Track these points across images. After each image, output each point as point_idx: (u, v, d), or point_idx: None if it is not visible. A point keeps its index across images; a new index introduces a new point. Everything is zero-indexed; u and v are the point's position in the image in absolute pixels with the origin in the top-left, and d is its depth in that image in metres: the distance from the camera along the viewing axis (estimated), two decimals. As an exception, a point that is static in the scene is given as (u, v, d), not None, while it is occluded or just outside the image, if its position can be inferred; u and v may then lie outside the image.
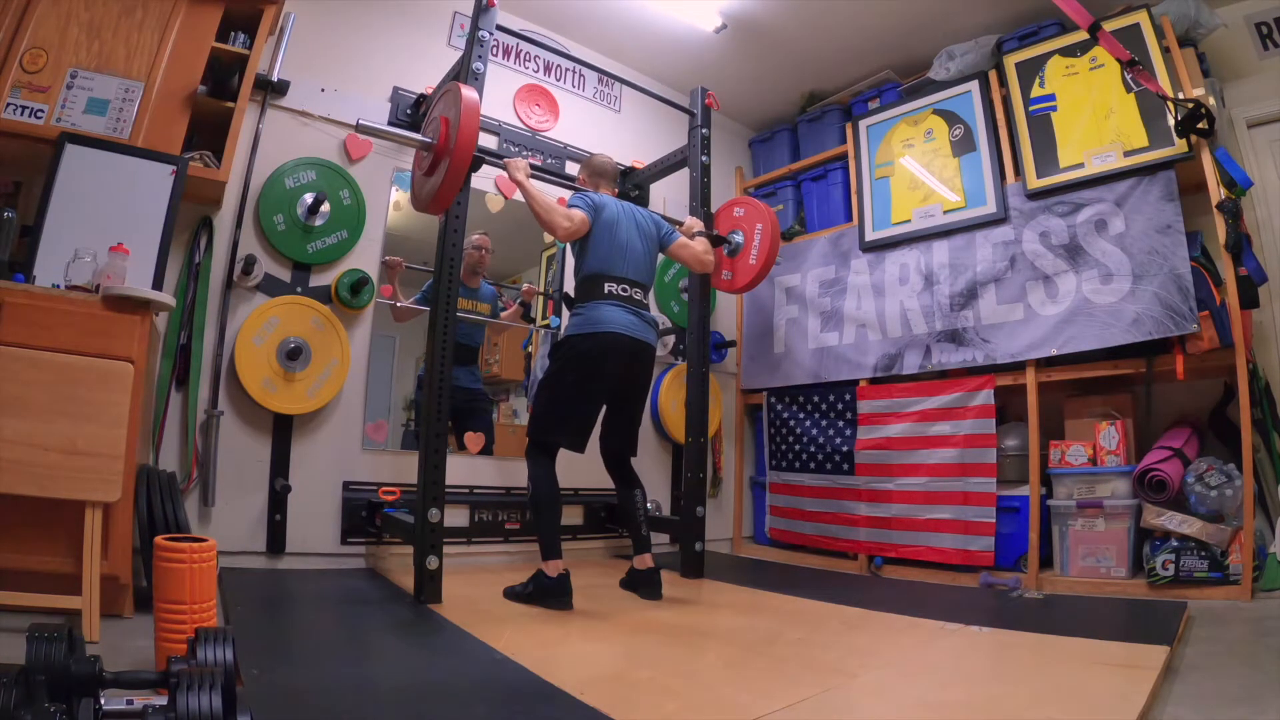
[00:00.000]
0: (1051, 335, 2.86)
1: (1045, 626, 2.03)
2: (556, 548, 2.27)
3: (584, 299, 2.39)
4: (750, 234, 2.99)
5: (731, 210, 3.13)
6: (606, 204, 2.45)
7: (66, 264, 1.92)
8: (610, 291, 2.37)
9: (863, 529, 3.30)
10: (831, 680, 1.57)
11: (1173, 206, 2.63)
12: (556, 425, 2.37)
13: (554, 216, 2.31)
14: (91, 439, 1.69)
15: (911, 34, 3.54)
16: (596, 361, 2.32)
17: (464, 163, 2.09)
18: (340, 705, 1.30)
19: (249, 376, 2.55)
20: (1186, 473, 2.48)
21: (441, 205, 2.21)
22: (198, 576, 1.48)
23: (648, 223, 2.54)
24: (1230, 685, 1.52)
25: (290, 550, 2.61)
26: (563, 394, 2.35)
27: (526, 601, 2.23)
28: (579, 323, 2.36)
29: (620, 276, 2.39)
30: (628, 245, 2.43)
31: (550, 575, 2.22)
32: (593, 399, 2.40)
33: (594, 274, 2.38)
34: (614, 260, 2.39)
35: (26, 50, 2.10)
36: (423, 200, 2.30)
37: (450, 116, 2.15)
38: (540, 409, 2.42)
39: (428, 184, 2.24)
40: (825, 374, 3.62)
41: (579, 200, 2.43)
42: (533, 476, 2.34)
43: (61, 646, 1.03)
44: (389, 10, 3.08)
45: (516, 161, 2.42)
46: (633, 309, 2.39)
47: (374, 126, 2.22)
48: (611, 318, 2.34)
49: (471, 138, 2.07)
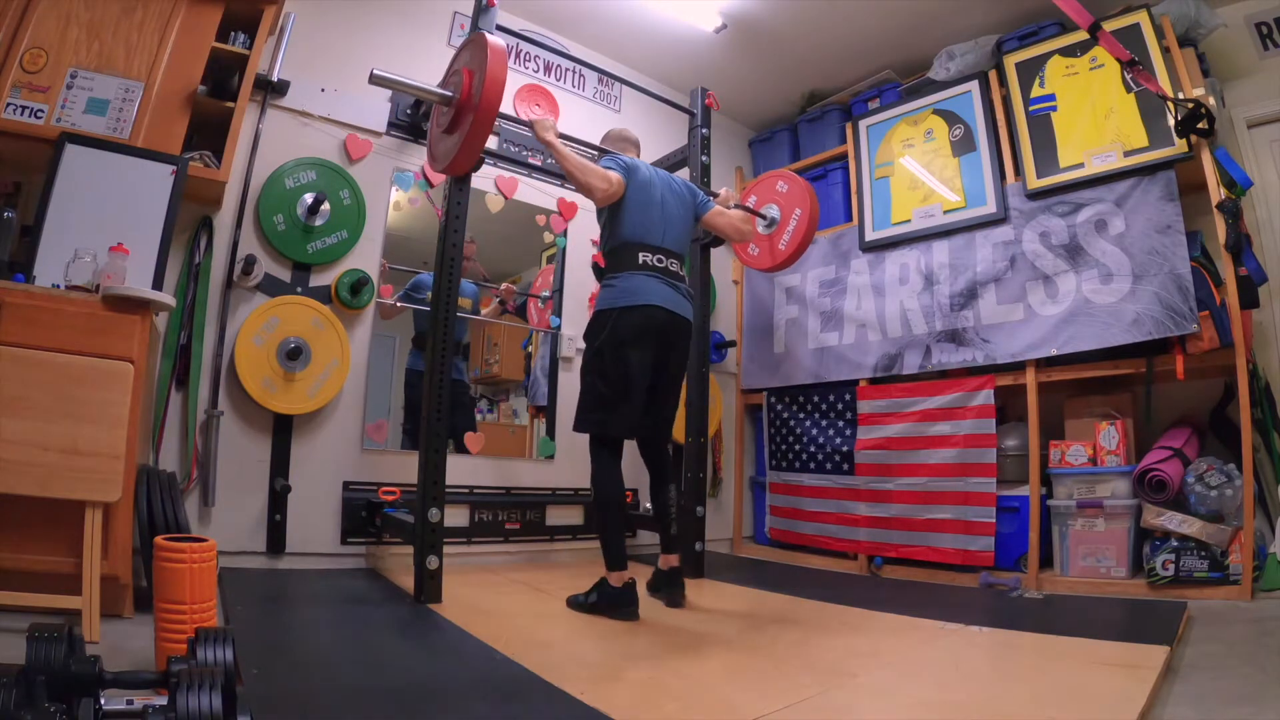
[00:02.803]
0: (1051, 335, 2.86)
1: (1045, 626, 2.04)
2: (620, 556, 2.12)
3: (616, 269, 2.20)
4: (787, 215, 2.88)
5: (774, 183, 3.02)
6: (639, 166, 2.28)
7: (66, 264, 1.92)
8: (645, 262, 2.18)
9: (863, 529, 3.30)
10: (831, 680, 1.57)
11: (1173, 206, 2.63)
12: (606, 412, 2.17)
13: (590, 177, 2.12)
14: (91, 439, 1.69)
15: (911, 34, 3.54)
16: (634, 337, 2.13)
17: (490, 115, 1.91)
18: (340, 705, 1.30)
19: (249, 376, 2.55)
20: (1186, 473, 2.48)
21: (463, 165, 2.05)
22: (198, 576, 1.48)
23: (683, 189, 2.37)
24: (1230, 685, 1.52)
25: (290, 550, 2.61)
26: (606, 377, 2.16)
27: (590, 612, 2.12)
28: (612, 295, 2.18)
29: (656, 245, 2.21)
30: (663, 212, 2.25)
31: (615, 585, 2.10)
32: (637, 379, 2.16)
33: (627, 242, 2.19)
34: (649, 228, 2.21)
35: (26, 50, 2.09)
36: (441, 160, 2.14)
37: (474, 67, 1.98)
38: (583, 398, 2.24)
39: (447, 142, 2.09)
40: (825, 374, 3.62)
41: (610, 162, 2.25)
42: (594, 476, 2.19)
43: (61, 646, 1.03)
44: (389, 10, 3.08)
45: (544, 120, 2.27)
46: (670, 281, 2.21)
47: (389, 76, 2.05)
48: (648, 289, 2.15)
49: (498, 88, 1.90)
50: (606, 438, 2.21)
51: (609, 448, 2.21)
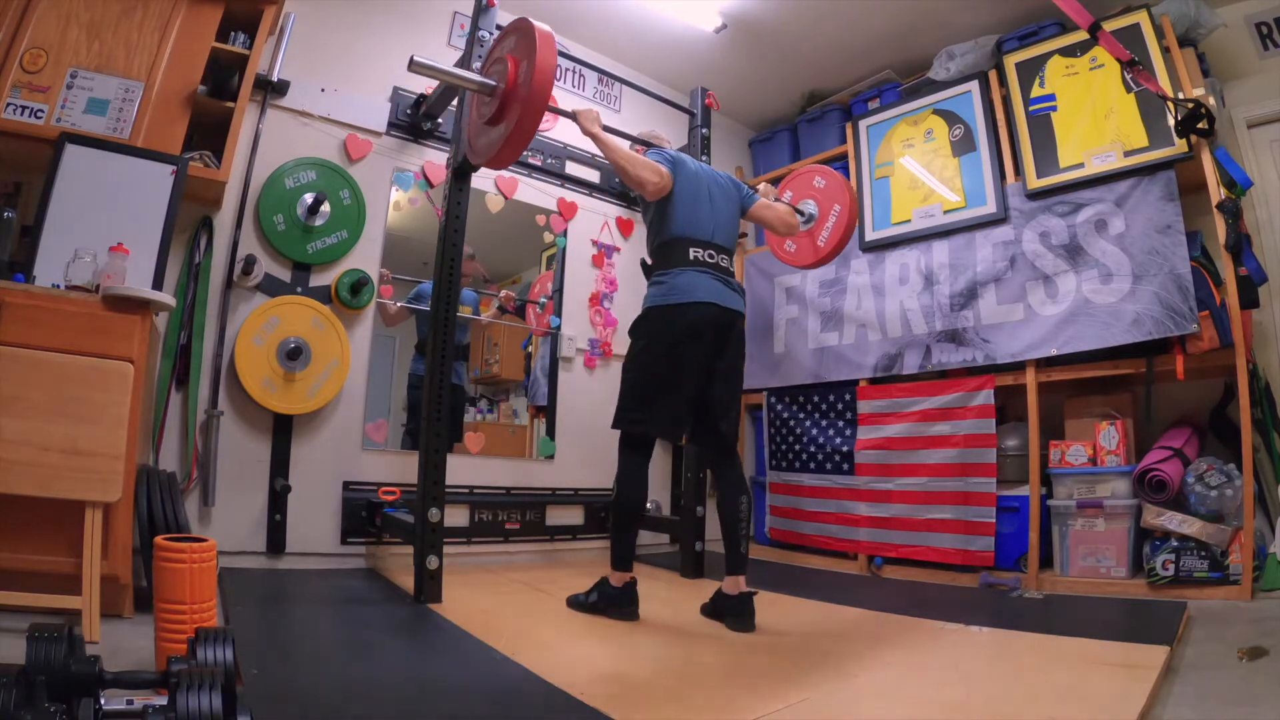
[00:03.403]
0: (1051, 335, 2.86)
1: (1045, 626, 2.04)
2: (628, 559, 2.10)
3: (666, 265, 2.13)
4: (826, 211, 2.81)
5: (811, 178, 2.94)
6: (686, 160, 2.22)
7: (66, 264, 1.92)
8: (696, 257, 2.11)
9: (863, 529, 3.30)
10: (831, 680, 1.57)
11: (1173, 206, 2.63)
12: (644, 410, 2.07)
13: (641, 171, 2.05)
14: (92, 439, 1.69)
15: (911, 34, 3.54)
16: (686, 335, 2.05)
17: (541, 105, 1.82)
18: (340, 705, 1.30)
19: (249, 376, 2.55)
20: (1186, 473, 2.48)
21: (509, 157, 1.96)
22: (198, 576, 1.48)
23: (727, 183, 2.32)
24: (1230, 685, 1.52)
25: (290, 550, 2.61)
26: (650, 373, 2.07)
27: (590, 611, 2.11)
28: (661, 292, 2.10)
29: (706, 240, 2.14)
30: (711, 206, 2.19)
31: (615, 585, 2.10)
32: (685, 378, 2.07)
33: (677, 238, 2.13)
34: (699, 222, 2.15)
35: (26, 50, 2.09)
36: (484, 153, 2.04)
37: (520, 55, 1.89)
38: (625, 393, 2.14)
39: (490, 134, 1.99)
40: (825, 374, 3.62)
41: (657, 155, 2.18)
42: (619, 475, 2.11)
43: (61, 646, 1.03)
44: (389, 10, 3.08)
45: (589, 111, 2.17)
46: (721, 276, 2.14)
47: (430, 64, 1.96)
48: (700, 285, 2.08)
49: (549, 77, 1.81)
50: (640, 437, 2.13)
51: (641, 449, 2.12)
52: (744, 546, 2.14)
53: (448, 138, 3.13)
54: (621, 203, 3.78)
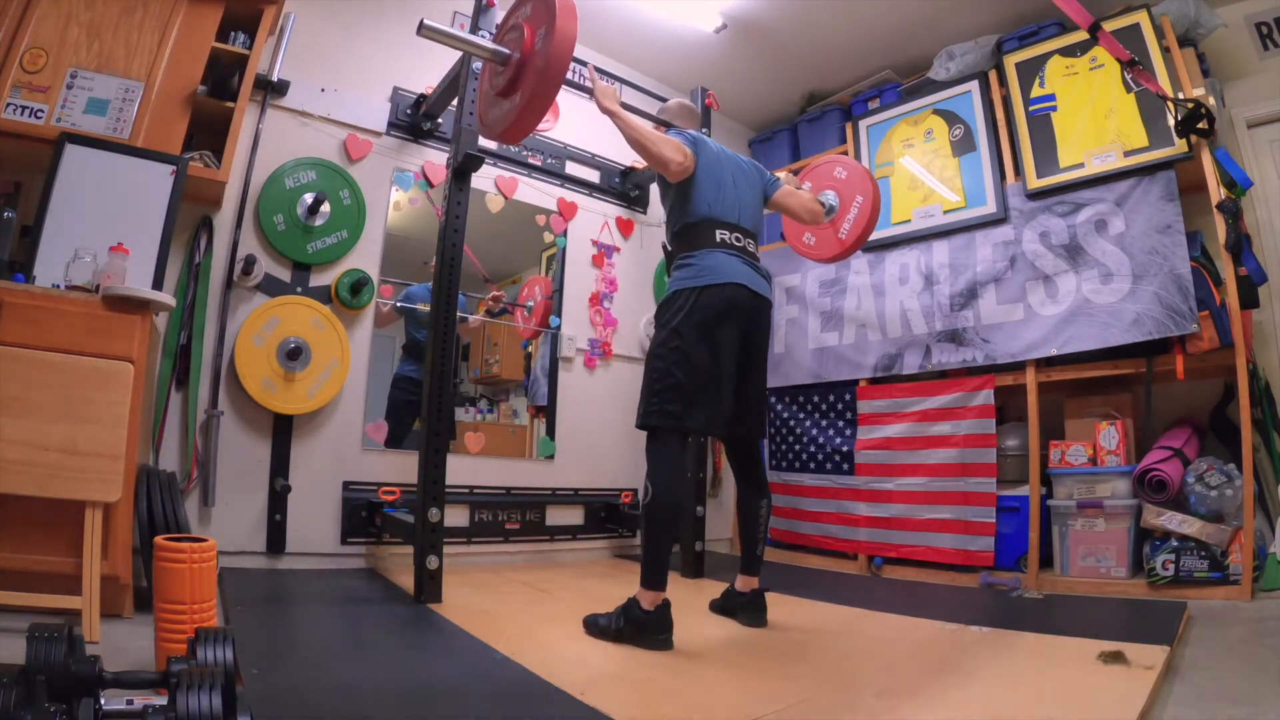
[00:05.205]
0: (1051, 335, 2.86)
1: (1045, 626, 2.04)
2: (662, 575, 1.82)
3: (692, 247, 1.99)
4: (847, 204, 2.71)
5: (832, 169, 2.83)
6: (707, 141, 2.12)
7: (66, 264, 1.92)
8: (723, 239, 1.99)
9: (863, 529, 3.30)
10: (831, 680, 1.57)
11: (1173, 206, 2.63)
12: (682, 405, 1.86)
13: (663, 149, 1.93)
14: (92, 439, 1.69)
15: (911, 34, 3.54)
16: (719, 317, 1.91)
17: (559, 74, 1.70)
18: (340, 705, 1.30)
19: (249, 376, 2.55)
20: (1186, 473, 2.48)
21: (521, 131, 1.82)
22: (198, 576, 1.48)
23: (749, 167, 2.21)
24: (1230, 685, 1.52)
25: (290, 550, 2.61)
26: (683, 363, 1.87)
27: (614, 639, 1.82)
28: (689, 274, 1.96)
29: (732, 224, 2.03)
30: (735, 189, 2.09)
31: (646, 608, 1.80)
32: (722, 364, 1.91)
33: (702, 219, 2.00)
34: (724, 204, 2.04)
35: (26, 50, 2.09)
36: (494, 126, 1.91)
37: (537, 22, 1.77)
38: (654, 383, 1.91)
39: (502, 106, 1.86)
40: (825, 374, 3.62)
41: (678, 135, 2.06)
42: (651, 475, 1.86)
43: (61, 646, 1.03)
44: (389, 10, 3.08)
45: (606, 87, 2.03)
46: (749, 260, 2.03)
47: (439, 28, 1.86)
48: (729, 266, 1.96)
49: (569, 43, 1.70)
50: (678, 432, 1.90)
51: (676, 446, 1.90)
52: (760, 549, 2.11)
53: (448, 138, 3.13)
54: (621, 203, 3.78)
